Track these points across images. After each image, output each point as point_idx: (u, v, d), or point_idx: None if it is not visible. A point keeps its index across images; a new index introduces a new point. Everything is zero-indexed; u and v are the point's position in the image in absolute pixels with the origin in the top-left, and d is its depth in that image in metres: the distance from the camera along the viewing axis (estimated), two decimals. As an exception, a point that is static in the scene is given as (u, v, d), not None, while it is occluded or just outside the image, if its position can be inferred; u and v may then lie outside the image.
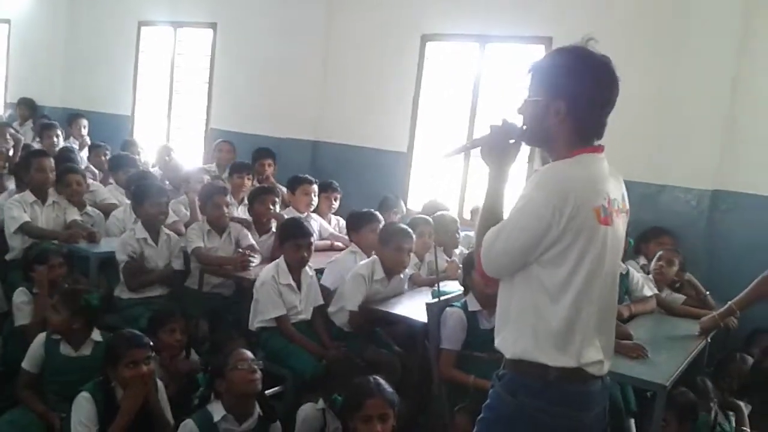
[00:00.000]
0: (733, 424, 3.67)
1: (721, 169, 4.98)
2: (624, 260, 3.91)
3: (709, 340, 3.75)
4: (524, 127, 1.98)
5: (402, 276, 4.26)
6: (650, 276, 4.38)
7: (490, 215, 1.96)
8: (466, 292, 3.61)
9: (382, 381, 2.90)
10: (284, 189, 5.58)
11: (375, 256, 4.17)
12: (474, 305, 3.51)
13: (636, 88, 1.96)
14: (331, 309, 4.14)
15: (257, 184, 5.60)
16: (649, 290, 4.15)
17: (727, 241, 4.97)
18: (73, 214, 4.76)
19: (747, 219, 4.90)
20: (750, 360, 3.84)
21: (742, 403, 3.65)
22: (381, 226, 4.43)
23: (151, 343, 3.08)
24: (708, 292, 4.36)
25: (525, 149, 2.06)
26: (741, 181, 4.94)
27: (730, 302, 3.49)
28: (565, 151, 1.91)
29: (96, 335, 3.36)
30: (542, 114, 1.92)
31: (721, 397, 3.79)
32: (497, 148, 2.01)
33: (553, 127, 1.92)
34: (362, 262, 4.17)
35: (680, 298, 4.35)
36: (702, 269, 4.77)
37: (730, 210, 4.98)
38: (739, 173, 4.94)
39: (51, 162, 4.87)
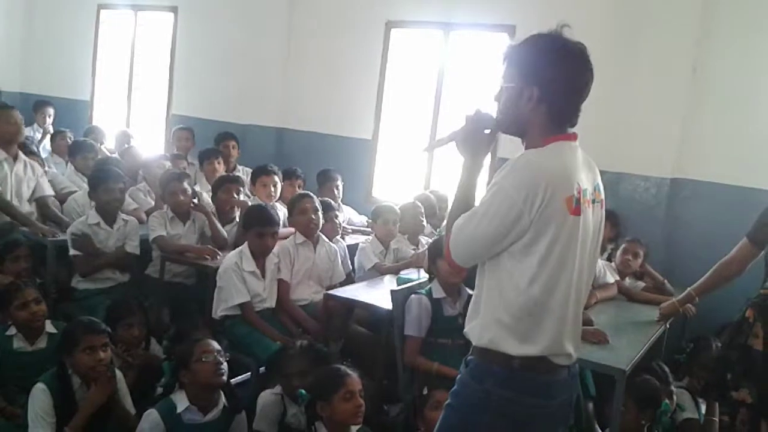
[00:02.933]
0: (703, 412, 3.73)
1: (679, 158, 5.05)
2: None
3: (668, 326, 3.82)
4: (498, 117, 1.98)
5: (321, 239, 4.36)
6: (612, 263, 4.44)
7: (462, 204, 1.96)
8: (431, 279, 3.62)
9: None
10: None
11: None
12: (438, 292, 3.52)
13: (595, 75, 1.95)
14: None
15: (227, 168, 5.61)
16: (610, 276, 4.21)
17: (685, 228, 5.06)
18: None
19: (705, 207, 4.98)
20: None
21: None
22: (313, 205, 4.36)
23: (109, 330, 3.04)
24: (665, 280, 4.42)
25: (501, 138, 2.06)
26: (699, 170, 5.02)
27: (689, 288, 3.54)
28: (539, 138, 1.90)
29: (49, 327, 3.34)
30: (516, 100, 1.92)
31: (697, 385, 3.86)
32: (472, 138, 2.00)
33: (527, 113, 1.91)
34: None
35: (641, 284, 4.41)
36: (661, 256, 4.84)
37: (689, 198, 5.06)
38: (698, 161, 5.02)
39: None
